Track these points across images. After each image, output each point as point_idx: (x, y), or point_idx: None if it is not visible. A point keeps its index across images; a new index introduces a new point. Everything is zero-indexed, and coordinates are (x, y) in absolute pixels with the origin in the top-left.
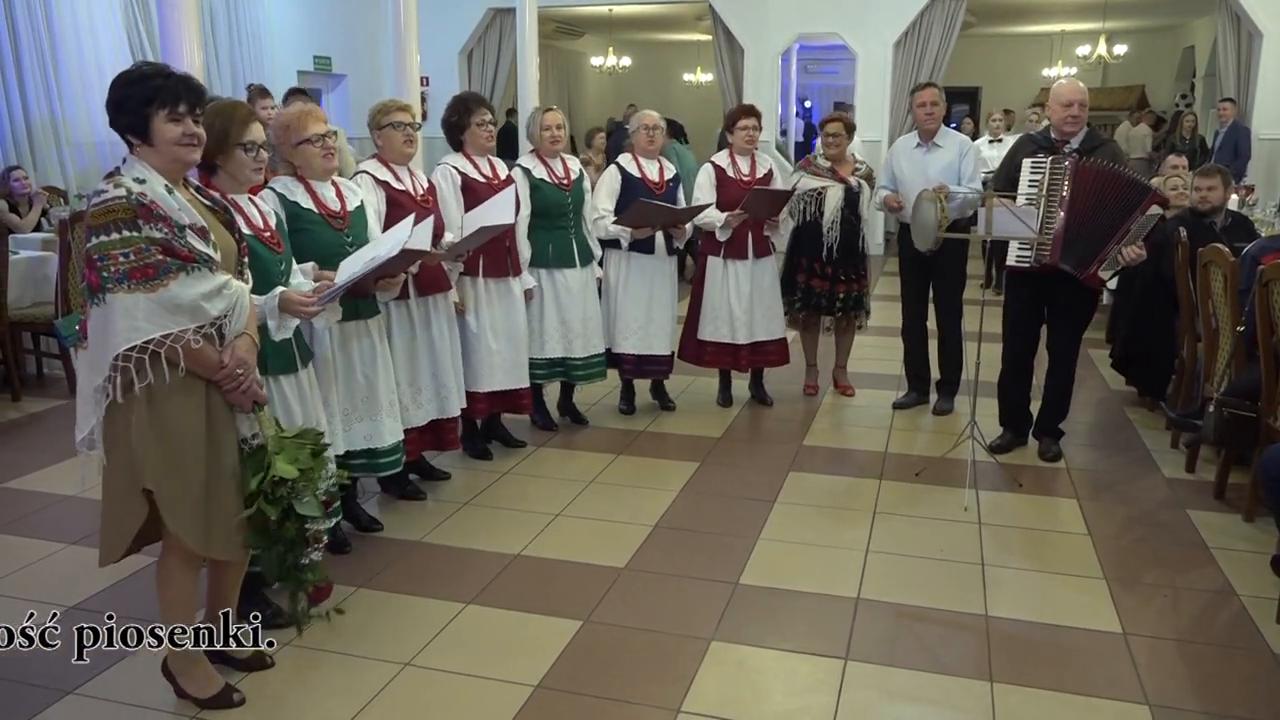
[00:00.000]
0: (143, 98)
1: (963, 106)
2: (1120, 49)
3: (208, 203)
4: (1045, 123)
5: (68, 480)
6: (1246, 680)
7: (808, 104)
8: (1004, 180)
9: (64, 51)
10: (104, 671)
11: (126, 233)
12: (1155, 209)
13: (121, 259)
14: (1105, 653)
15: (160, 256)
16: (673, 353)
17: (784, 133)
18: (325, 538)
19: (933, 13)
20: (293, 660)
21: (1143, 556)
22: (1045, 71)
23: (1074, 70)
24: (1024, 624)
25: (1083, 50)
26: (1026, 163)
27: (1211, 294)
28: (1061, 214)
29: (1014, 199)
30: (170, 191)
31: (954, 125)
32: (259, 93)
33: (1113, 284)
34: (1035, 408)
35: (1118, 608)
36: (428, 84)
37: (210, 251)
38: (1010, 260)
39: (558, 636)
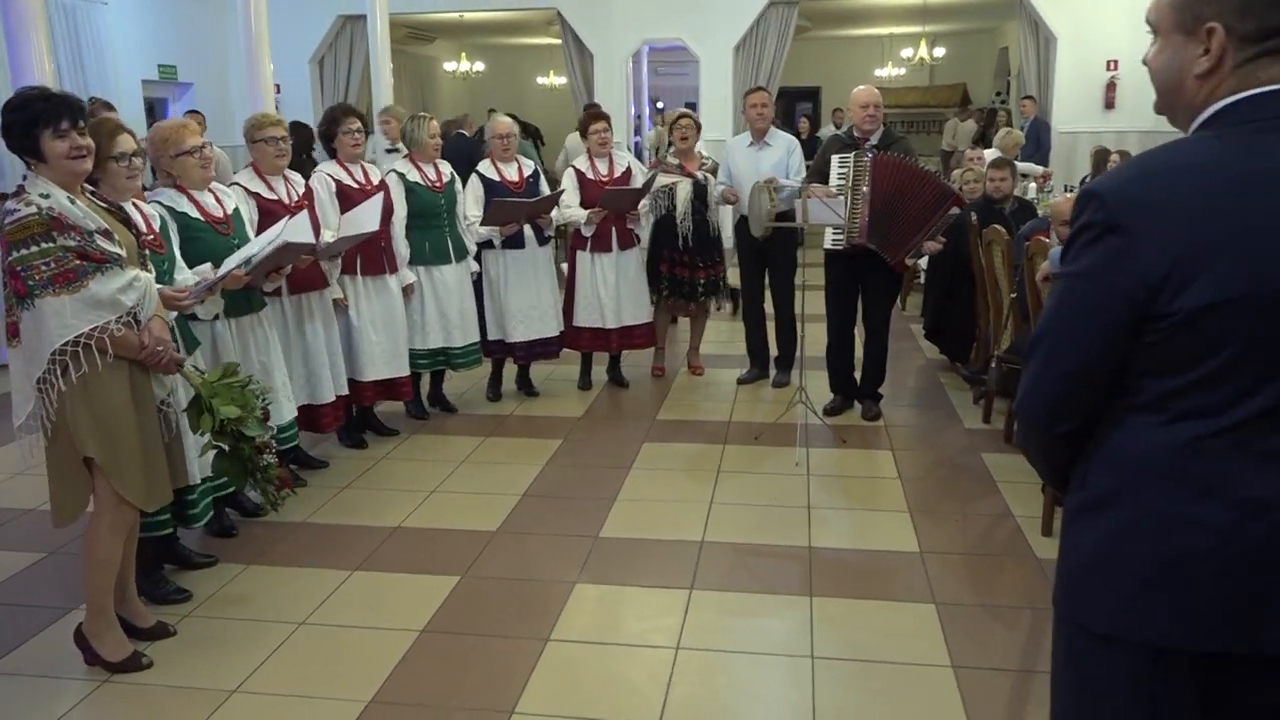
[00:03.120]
0: (27, 121)
1: (806, 104)
2: (939, 51)
3: (105, 205)
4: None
5: None
6: (1014, 579)
7: (660, 104)
8: (816, 175)
9: None
10: (16, 648)
11: (44, 244)
12: (955, 209)
13: (44, 268)
14: (905, 567)
15: (77, 261)
16: (561, 333)
17: (638, 131)
18: (273, 443)
19: (768, 18)
20: (195, 628)
21: (941, 492)
22: (878, 72)
23: (902, 70)
24: (840, 551)
25: (906, 52)
26: (834, 159)
27: (994, 268)
28: (866, 200)
29: (828, 191)
30: (73, 202)
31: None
32: (103, 106)
33: (924, 263)
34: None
35: (917, 533)
36: (279, 91)
37: (118, 250)
38: (826, 244)
39: (438, 590)
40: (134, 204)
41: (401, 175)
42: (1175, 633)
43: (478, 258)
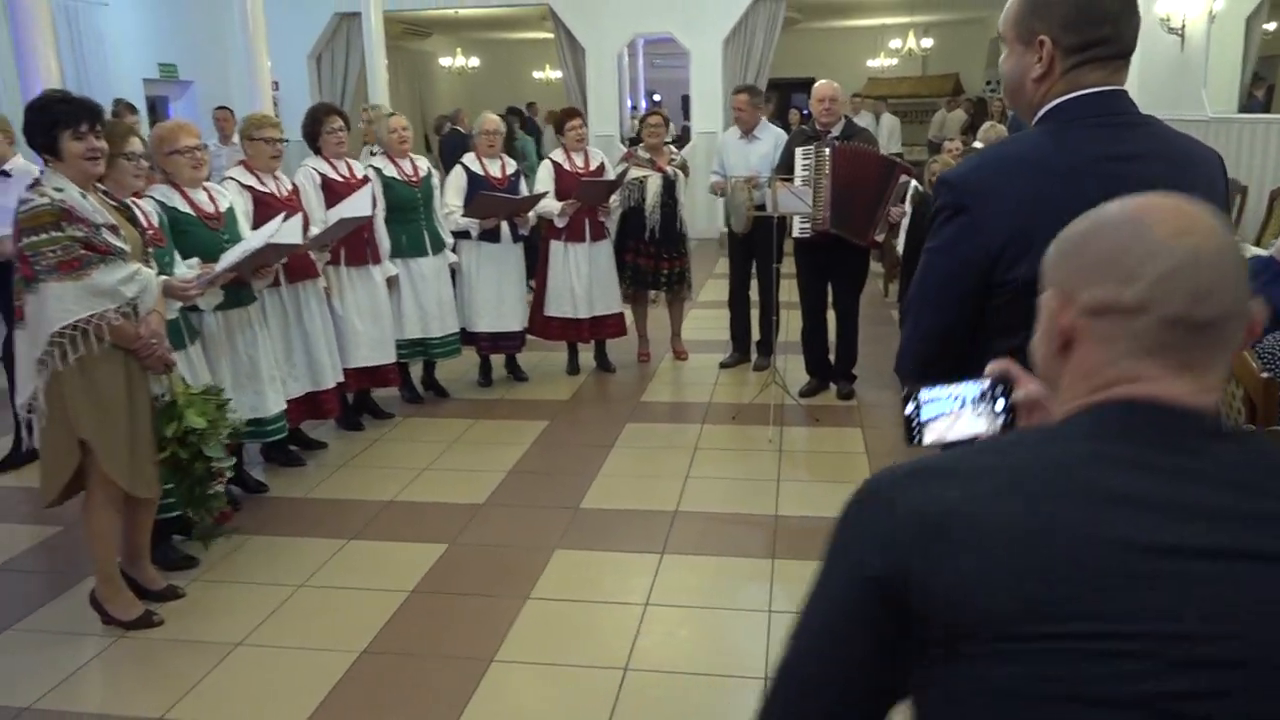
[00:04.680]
0: (49, 121)
1: (801, 96)
2: (928, 41)
3: (115, 204)
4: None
5: None
6: None
7: (656, 97)
8: (784, 168)
9: None
10: (38, 610)
11: (53, 233)
12: (905, 177)
13: (51, 254)
14: None
15: (83, 251)
16: (524, 329)
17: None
18: (227, 473)
19: (757, 11)
20: (201, 590)
21: None
22: (870, 62)
23: (895, 61)
24: (804, 518)
25: (895, 43)
26: (798, 151)
27: None
28: (828, 188)
29: (793, 182)
30: (84, 196)
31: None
32: (127, 109)
33: (900, 247)
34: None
35: None
36: (277, 88)
37: (122, 244)
38: (794, 233)
39: (428, 556)
40: (132, 201)
41: (379, 170)
42: None
43: (454, 248)
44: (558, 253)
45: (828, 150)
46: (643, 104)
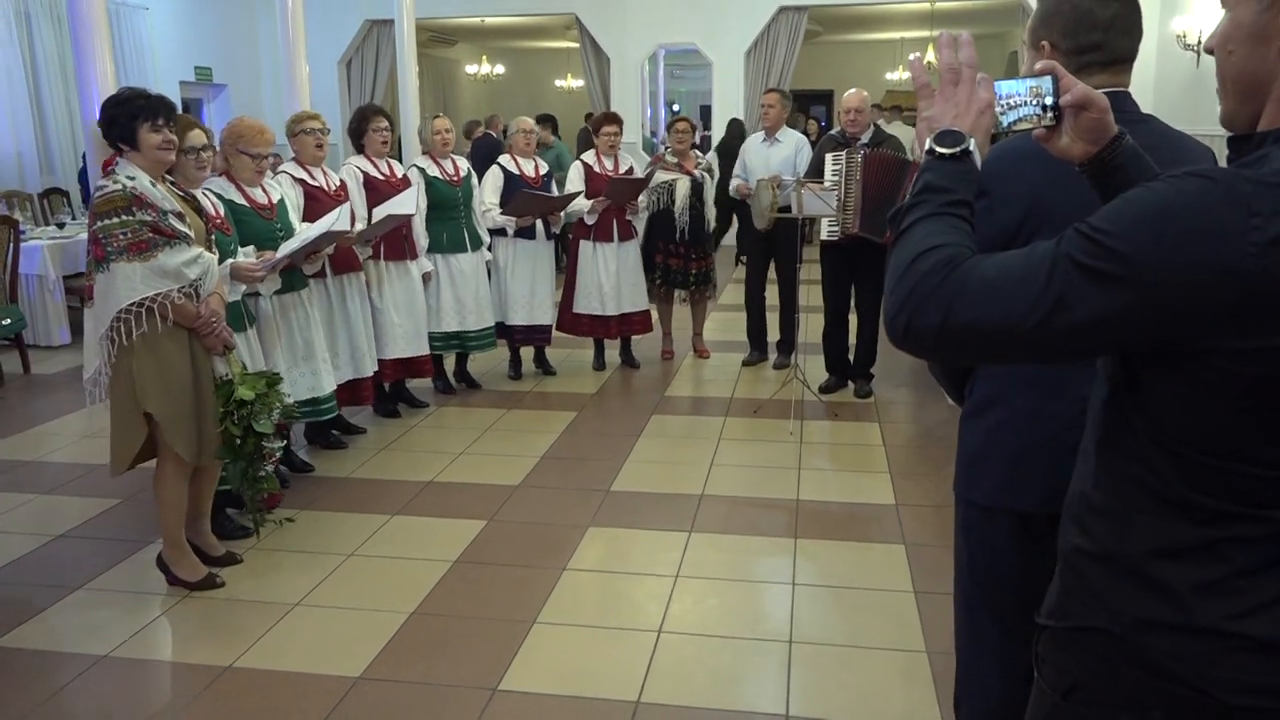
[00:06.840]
0: (130, 114)
1: (819, 107)
2: None
3: (182, 194)
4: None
5: (20, 449)
6: None
7: (676, 107)
8: (813, 172)
9: None
10: (107, 571)
11: (124, 216)
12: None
13: (121, 236)
14: (880, 516)
15: (150, 234)
16: (554, 322)
17: (654, 134)
18: (277, 454)
19: (778, 24)
20: (256, 558)
21: (919, 457)
22: (889, 75)
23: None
24: (824, 503)
25: (915, 56)
26: (828, 157)
27: None
28: (858, 193)
29: (822, 185)
30: (154, 185)
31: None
32: None
33: None
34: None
35: (895, 489)
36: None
37: (186, 230)
38: (823, 236)
39: (468, 531)
40: (204, 194)
41: (422, 170)
42: (1037, 500)
43: (489, 246)
44: (586, 251)
45: (859, 157)
46: (663, 114)
